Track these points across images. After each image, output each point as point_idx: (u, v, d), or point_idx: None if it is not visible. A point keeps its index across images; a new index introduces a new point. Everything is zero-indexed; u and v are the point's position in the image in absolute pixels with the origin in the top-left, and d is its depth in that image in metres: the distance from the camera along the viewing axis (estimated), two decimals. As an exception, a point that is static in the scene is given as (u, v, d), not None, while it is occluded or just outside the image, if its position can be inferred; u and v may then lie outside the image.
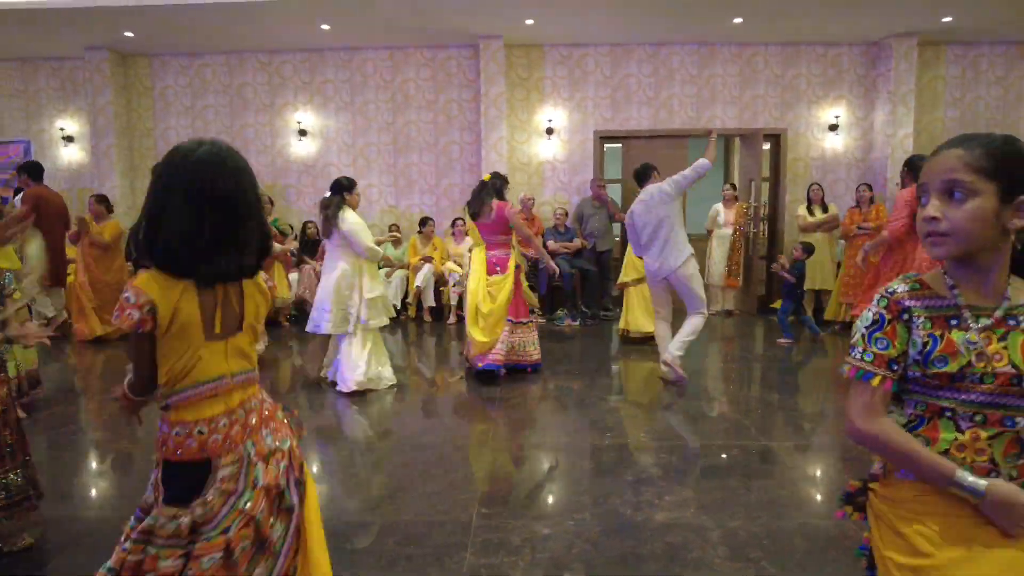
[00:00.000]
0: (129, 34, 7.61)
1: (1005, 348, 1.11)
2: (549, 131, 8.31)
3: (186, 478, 1.35)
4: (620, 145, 8.63)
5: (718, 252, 7.98)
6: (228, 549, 1.33)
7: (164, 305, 1.30)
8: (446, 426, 4.20)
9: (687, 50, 8.19)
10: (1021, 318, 1.13)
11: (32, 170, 5.94)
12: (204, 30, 7.55)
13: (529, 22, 7.35)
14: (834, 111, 8.20)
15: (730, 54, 8.19)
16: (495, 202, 5.06)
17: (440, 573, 2.34)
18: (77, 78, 8.49)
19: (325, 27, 7.48)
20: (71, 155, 8.66)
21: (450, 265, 7.80)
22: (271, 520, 1.40)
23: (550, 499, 2.95)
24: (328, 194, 4.72)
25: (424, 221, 8.04)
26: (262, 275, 1.53)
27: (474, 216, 5.16)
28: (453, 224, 8.07)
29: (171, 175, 1.34)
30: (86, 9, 6.82)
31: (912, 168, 4.84)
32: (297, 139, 8.51)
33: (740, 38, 7.98)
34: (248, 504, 1.36)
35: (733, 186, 8.13)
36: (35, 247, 4.38)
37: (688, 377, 4.79)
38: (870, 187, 7.28)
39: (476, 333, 4.93)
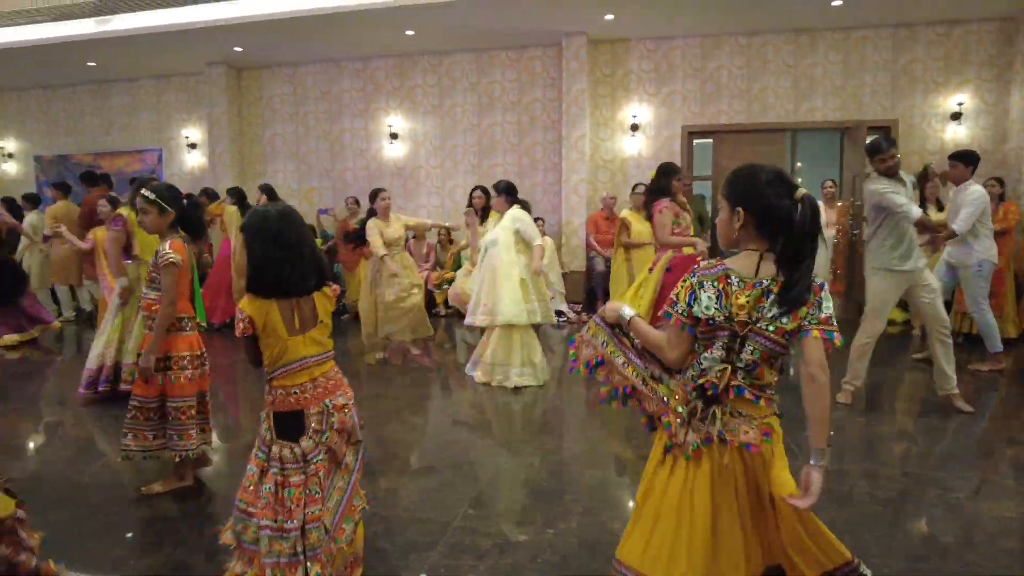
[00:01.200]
0: (238, 49, 8.30)
1: None
2: (634, 127, 8.09)
3: (288, 422, 2.01)
4: (710, 140, 8.22)
5: (820, 255, 7.33)
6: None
7: (258, 317, 1.95)
8: (471, 425, 4.21)
9: (783, 38, 7.65)
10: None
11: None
12: (304, 41, 8.05)
13: (609, 17, 7.20)
14: (957, 98, 7.32)
15: (832, 40, 7.54)
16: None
17: (400, 568, 2.36)
18: (200, 91, 9.36)
19: (410, 32, 7.74)
20: (194, 160, 9.58)
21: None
22: (344, 449, 2.11)
23: (543, 506, 2.86)
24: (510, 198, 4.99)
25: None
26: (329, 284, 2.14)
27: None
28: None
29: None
30: (203, 29, 7.50)
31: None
32: (389, 142, 8.87)
33: (842, 23, 7.33)
34: (327, 438, 2.03)
35: (833, 182, 7.48)
36: None
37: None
38: (1001, 182, 6.36)
39: None
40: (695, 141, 8.26)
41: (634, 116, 8.07)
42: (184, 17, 7.51)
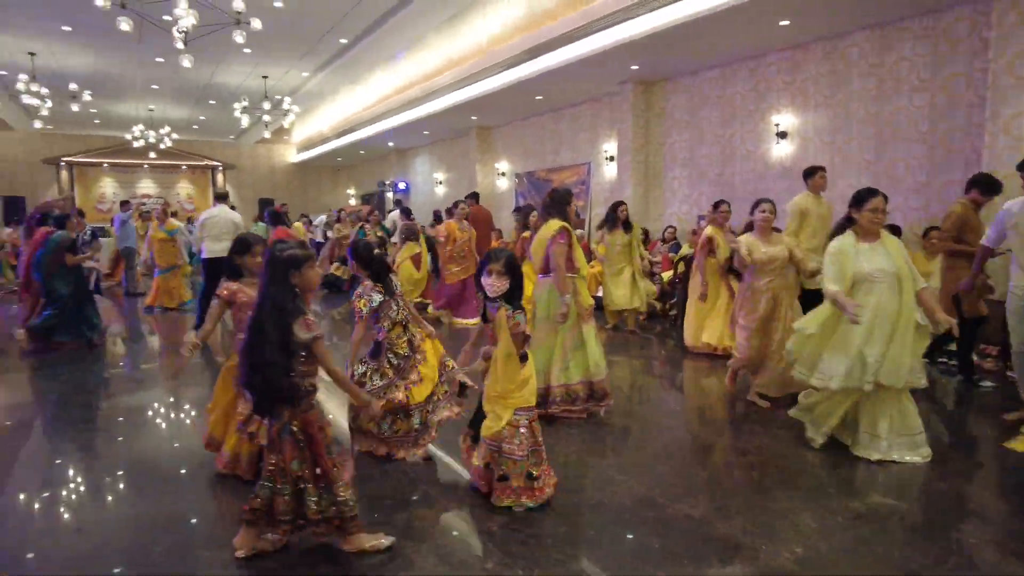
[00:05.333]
0: (635, 67, 8.99)
1: None
2: (1117, 95, 5.56)
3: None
4: None
5: None
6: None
7: None
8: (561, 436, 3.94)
9: None
10: None
11: (472, 196, 9.47)
12: (690, 48, 8.11)
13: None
14: None
15: None
16: None
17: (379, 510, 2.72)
18: (617, 108, 10.43)
19: (784, 23, 7.08)
20: (610, 172, 10.78)
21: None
22: None
23: (512, 547, 2.72)
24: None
25: (893, 230, 6.64)
26: None
27: None
28: (926, 233, 6.42)
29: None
30: (603, 53, 8.22)
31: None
32: (776, 142, 8.26)
33: None
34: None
35: None
36: None
37: None
38: None
39: None
40: None
41: (1114, 77, 5.53)
42: (588, 46, 8.51)
